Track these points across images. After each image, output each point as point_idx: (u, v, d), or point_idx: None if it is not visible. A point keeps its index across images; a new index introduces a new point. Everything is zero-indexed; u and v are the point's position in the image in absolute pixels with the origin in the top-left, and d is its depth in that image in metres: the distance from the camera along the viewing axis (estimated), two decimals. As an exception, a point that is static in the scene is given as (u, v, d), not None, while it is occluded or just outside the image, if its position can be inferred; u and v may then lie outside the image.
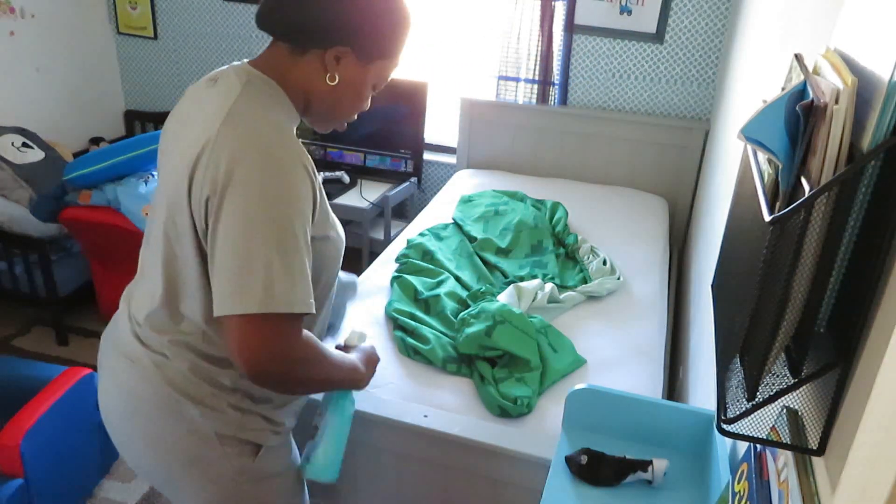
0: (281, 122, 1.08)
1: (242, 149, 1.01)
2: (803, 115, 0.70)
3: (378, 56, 1.14)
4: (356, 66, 1.13)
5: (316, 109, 1.17)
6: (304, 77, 1.12)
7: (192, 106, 1.13)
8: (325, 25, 1.07)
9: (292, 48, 1.10)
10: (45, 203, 2.75)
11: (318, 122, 1.22)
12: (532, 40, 3.31)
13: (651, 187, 3.40)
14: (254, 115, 1.05)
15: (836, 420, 0.70)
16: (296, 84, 1.12)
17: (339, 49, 1.09)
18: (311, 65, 1.11)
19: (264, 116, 1.06)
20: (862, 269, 0.66)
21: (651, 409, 1.35)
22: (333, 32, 1.08)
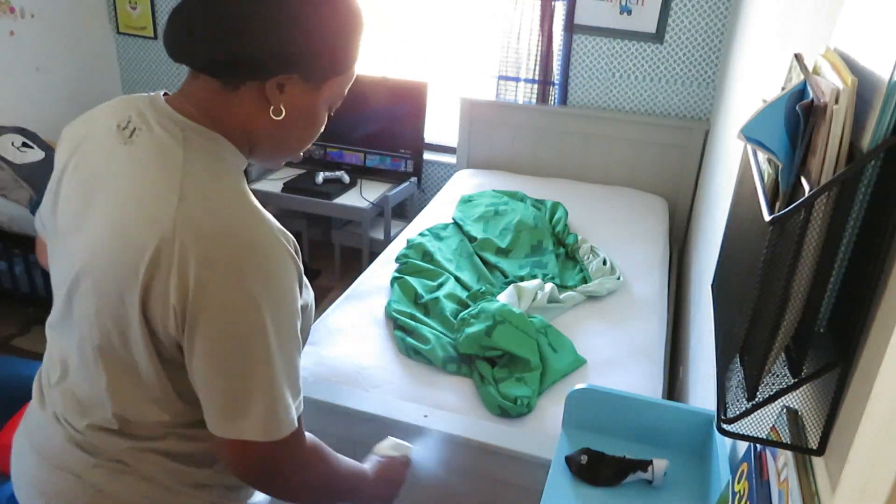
0: (243, 192, 0.87)
1: (214, 253, 0.81)
2: (803, 114, 0.70)
3: (332, 74, 0.93)
4: (305, 92, 0.91)
5: (262, 149, 0.94)
6: (242, 115, 0.89)
7: (105, 166, 0.88)
8: (259, 55, 0.85)
9: (222, 83, 0.87)
10: (45, 203, 2.74)
11: (268, 161, 1.00)
12: (532, 40, 3.31)
13: (651, 187, 3.40)
14: (214, 197, 0.84)
15: (836, 420, 0.70)
16: (235, 125, 0.90)
17: (282, 77, 0.87)
18: (248, 99, 0.88)
19: (226, 199, 0.85)
20: (862, 269, 0.66)
21: (651, 409, 1.35)
22: (271, 62, 0.86)
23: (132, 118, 0.90)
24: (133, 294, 0.83)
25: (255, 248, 0.83)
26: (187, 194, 0.82)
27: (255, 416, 0.85)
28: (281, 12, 0.84)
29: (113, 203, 0.86)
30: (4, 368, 2.20)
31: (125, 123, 0.90)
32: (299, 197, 3.45)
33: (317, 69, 0.90)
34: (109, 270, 0.84)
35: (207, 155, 0.87)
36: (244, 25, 0.84)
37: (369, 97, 3.60)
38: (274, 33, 0.84)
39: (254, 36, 0.84)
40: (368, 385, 1.84)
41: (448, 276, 2.37)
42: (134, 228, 0.83)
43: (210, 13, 0.84)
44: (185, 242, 0.80)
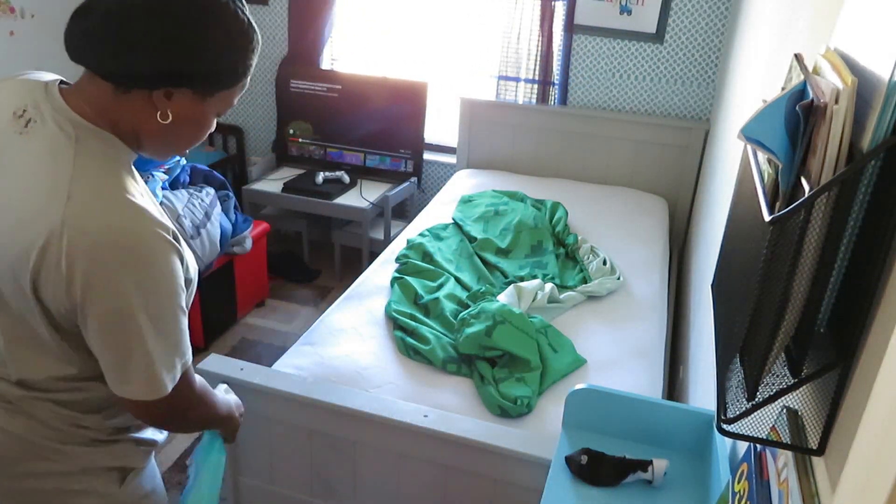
0: (129, 190, 0.94)
1: (98, 249, 0.90)
2: (803, 115, 0.70)
3: (219, 88, 0.99)
4: (192, 101, 0.97)
5: (149, 146, 1.02)
6: (131, 116, 0.96)
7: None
8: (148, 69, 0.92)
9: (114, 87, 0.94)
10: (44, 203, 2.75)
11: (154, 155, 1.06)
12: (532, 40, 3.31)
13: (651, 187, 3.40)
14: (98, 197, 0.92)
15: (836, 420, 0.70)
16: (124, 125, 0.97)
17: (168, 89, 0.94)
18: (137, 103, 0.95)
19: (111, 196, 0.92)
20: (862, 269, 0.66)
21: (651, 409, 1.35)
22: (158, 76, 0.93)
23: (28, 109, 0.98)
24: (25, 278, 0.93)
25: (133, 243, 0.92)
26: (74, 194, 0.91)
27: (139, 380, 0.98)
28: (170, 32, 0.91)
29: (5, 192, 0.95)
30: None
31: (21, 112, 0.97)
32: (299, 197, 3.45)
33: (203, 84, 0.97)
34: (4, 254, 0.95)
35: (97, 156, 0.95)
36: (135, 41, 0.91)
37: (369, 97, 3.61)
38: (162, 51, 0.91)
39: (144, 52, 0.91)
40: (369, 385, 1.84)
41: (448, 276, 2.37)
42: (26, 218, 0.92)
43: (106, 25, 0.92)
44: (71, 238, 0.89)
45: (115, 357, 0.98)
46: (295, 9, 3.63)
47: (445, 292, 2.25)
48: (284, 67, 3.75)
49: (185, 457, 2.39)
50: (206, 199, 2.82)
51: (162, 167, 2.82)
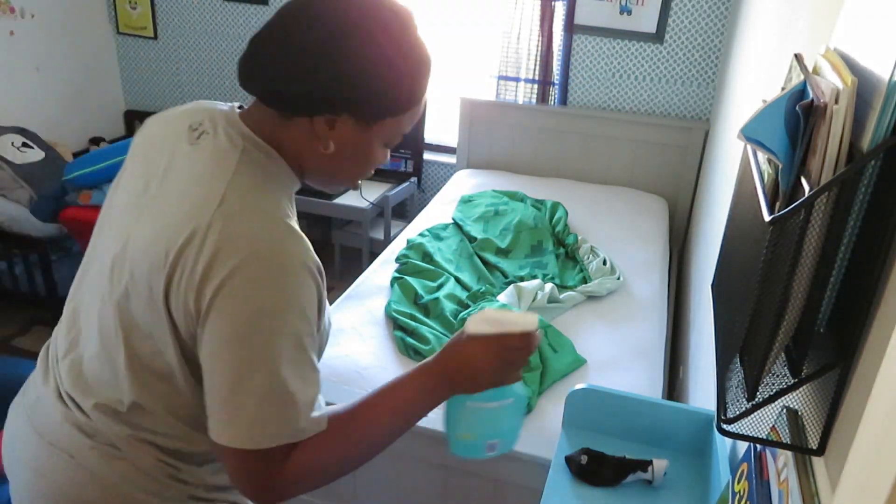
0: (280, 209, 0.89)
1: (238, 254, 0.83)
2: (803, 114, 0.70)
3: (386, 115, 0.92)
4: (356, 130, 0.91)
5: (312, 176, 0.98)
6: (294, 143, 0.93)
7: (168, 160, 0.93)
8: (306, 95, 0.87)
9: (277, 112, 0.91)
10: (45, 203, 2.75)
11: (320, 187, 1.03)
12: (532, 40, 3.31)
13: (651, 187, 3.40)
14: (253, 207, 0.87)
15: (836, 420, 0.70)
16: (288, 151, 0.93)
17: (330, 117, 0.89)
18: (299, 131, 0.91)
19: (265, 209, 0.87)
20: (862, 269, 0.66)
21: (651, 409, 1.35)
22: (318, 102, 0.88)
23: (204, 122, 0.94)
24: (159, 283, 0.86)
25: (275, 263, 0.84)
26: (228, 198, 0.86)
27: (243, 422, 0.85)
28: (330, 56, 0.85)
29: (164, 196, 0.90)
30: (4, 368, 2.20)
31: (196, 125, 0.94)
32: (299, 197, 3.44)
33: (368, 111, 0.90)
34: (145, 256, 0.88)
35: (258, 168, 0.90)
36: (294, 66, 0.86)
37: (369, 97, 3.60)
38: (322, 76, 0.86)
39: (302, 77, 0.86)
40: (368, 385, 1.84)
41: (448, 276, 2.37)
42: (173, 221, 0.87)
43: (268, 50, 0.88)
44: (215, 239, 0.83)
45: (223, 390, 0.85)
46: (295, 9, 3.63)
47: (445, 292, 2.25)
48: (284, 67, 3.75)
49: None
50: (206, 199, 2.82)
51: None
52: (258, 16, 3.78)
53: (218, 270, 0.82)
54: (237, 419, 0.85)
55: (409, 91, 0.91)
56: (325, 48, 0.85)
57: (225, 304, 0.83)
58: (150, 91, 4.16)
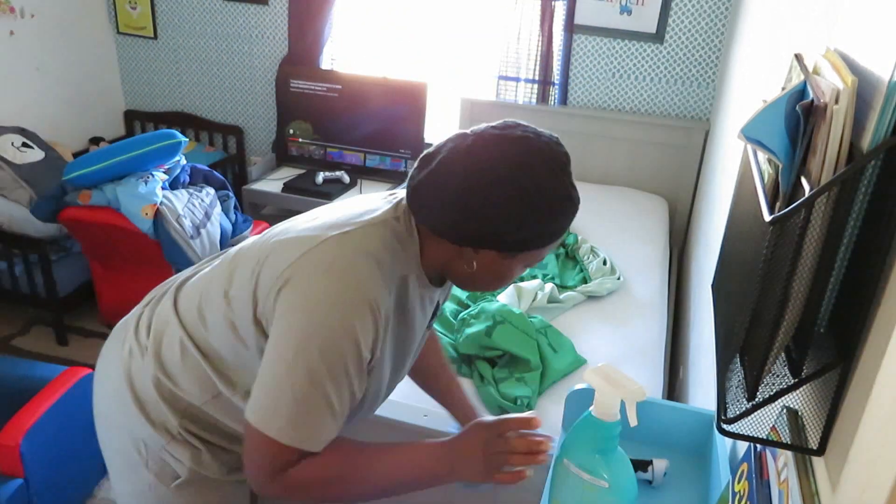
0: (381, 263, 0.98)
1: (310, 275, 0.96)
2: (803, 115, 0.70)
3: (525, 250, 1.00)
4: (499, 258, 1.00)
5: (451, 279, 1.09)
6: (440, 255, 1.03)
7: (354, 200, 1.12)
8: (455, 235, 0.98)
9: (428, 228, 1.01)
10: (45, 203, 2.75)
11: (462, 287, 1.12)
12: (532, 40, 3.31)
13: (651, 187, 3.40)
14: (357, 245, 0.98)
15: (836, 420, 0.70)
16: (430, 254, 1.04)
17: (476, 248, 0.99)
18: (445, 247, 1.01)
19: (367, 251, 0.98)
20: (862, 269, 0.66)
21: (651, 409, 1.35)
22: (465, 240, 0.98)
23: (398, 195, 1.09)
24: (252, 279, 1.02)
25: (340, 289, 0.95)
26: (348, 233, 1.00)
27: (280, 415, 0.95)
28: (480, 206, 0.95)
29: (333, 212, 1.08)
30: (4, 368, 2.20)
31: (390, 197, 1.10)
32: (299, 197, 3.45)
33: (509, 247, 0.99)
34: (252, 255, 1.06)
35: (389, 234, 1.02)
36: (447, 212, 0.96)
37: (369, 97, 3.60)
38: (471, 224, 0.96)
39: (454, 222, 0.97)
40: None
41: (448, 276, 2.37)
42: (312, 225, 1.04)
43: (428, 192, 0.98)
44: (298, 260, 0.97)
45: (271, 381, 0.96)
46: (295, 9, 3.63)
47: (445, 292, 2.25)
48: (284, 67, 3.75)
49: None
50: (206, 199, 2.82)
51: (162, 167, 2.83)
52: (258, 16, 3.78)
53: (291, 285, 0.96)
54: (273, 408, 0.95)
55: (550, 231, 0.99)
56: (474, 198, 0.94)
57: (285, 315, 0.96)
58: (150, 91, 4.16)
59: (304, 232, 1.02)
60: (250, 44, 3.86)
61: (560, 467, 1.00)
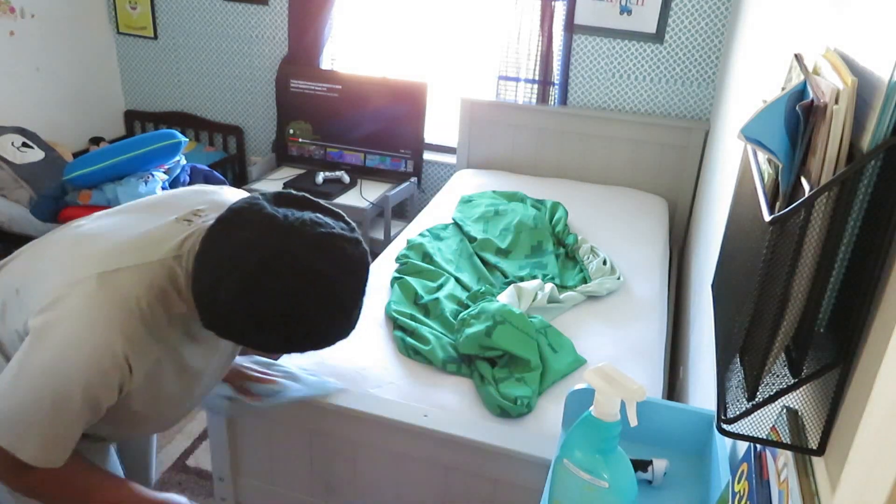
0: (141, 312, 1.06)
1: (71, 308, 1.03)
2: (803, 115, 0.70)
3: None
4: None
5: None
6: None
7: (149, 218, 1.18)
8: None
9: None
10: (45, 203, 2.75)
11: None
12: (532, 40, 3.31)
13: (651, 187, 3.40)
14: (116, 293, 1.05)
15: (836, 420, 0.70)
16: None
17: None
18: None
19: (126, 300, 1.05)
20: (862, 269, 0.66)
21: (651, 409, 1.35)
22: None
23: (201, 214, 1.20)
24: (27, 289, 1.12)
25: (85, 338, 1.02)
26: (106, 273, 1.06)
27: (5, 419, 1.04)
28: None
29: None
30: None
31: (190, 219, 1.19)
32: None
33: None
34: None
35: (162, 277, 1.08)
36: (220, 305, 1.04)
37: (369, 97, 3.61)
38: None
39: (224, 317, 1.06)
40: (369, 385, 1.84)
41: (448, 276, 2.37)
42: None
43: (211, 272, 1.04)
44: (60, 293, 1.04)
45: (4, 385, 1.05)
46: (295, 9, 3.63)
47: (445, 293, 2.25)
48: (284, 67, 3.75)
49: (184, 457, 2.39)
50: (206, 199, 2.81)
51: (162, 167, 2.83)
52: (258, 16, 3.78)
53: (51, 307, 1.03)
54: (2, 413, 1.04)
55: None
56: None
57: (41, 331, 1.03)
58: (150, 91, 4.16)
59: (77, 257, 1.09)
60: (250, 44, 3.87)
61: (560, 467, 1.00)
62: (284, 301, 0.99)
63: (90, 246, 1.11)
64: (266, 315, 1.00)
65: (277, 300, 0.99)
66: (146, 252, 1.09)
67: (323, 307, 1.02)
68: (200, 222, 1.14)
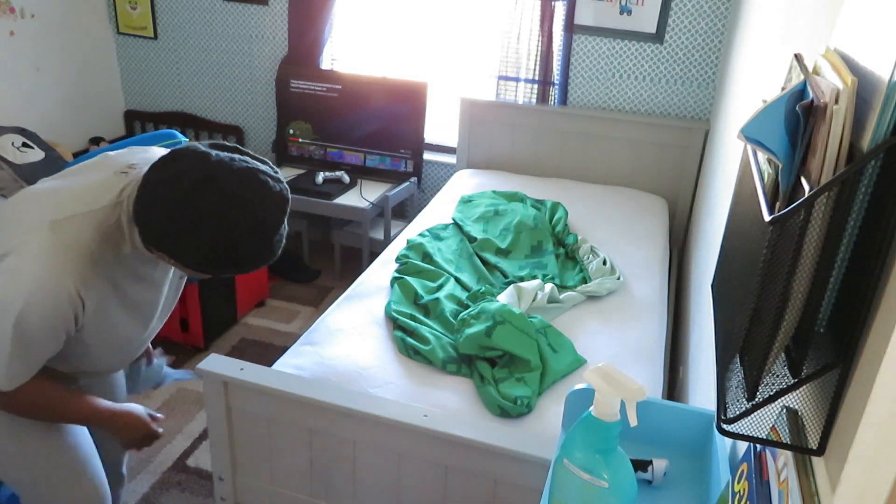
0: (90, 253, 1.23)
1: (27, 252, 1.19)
2: (803, 114, 0.70)
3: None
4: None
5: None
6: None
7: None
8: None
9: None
10: (45, 203, 2.75)
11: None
12: (532, 40, 3.31)
13: (651, 187, 3.40)
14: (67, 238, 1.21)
15: (836, 420, 0.70)
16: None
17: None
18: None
19: (76, 245, 1.21)
20: (862, 269, 0.66)
21: (651, 409, 1.35)
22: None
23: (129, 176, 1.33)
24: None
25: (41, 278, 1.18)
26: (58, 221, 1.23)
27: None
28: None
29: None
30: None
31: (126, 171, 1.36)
32: (299, 197, 3.45)
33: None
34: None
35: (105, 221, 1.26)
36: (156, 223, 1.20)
37: (369, 97, 3.61)
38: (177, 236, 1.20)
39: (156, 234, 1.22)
40: (369, 385, 1.84)
41: (448, 276, 2.37)
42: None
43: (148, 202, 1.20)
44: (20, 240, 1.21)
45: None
46: (295, 9, 3.63)
47: (445, 293, 2.25)
48: (284, 67, 3.75)
49: (184, 457, 2.39)
50: (206, 199, 2.81)
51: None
52: (258, 16, 3.78)
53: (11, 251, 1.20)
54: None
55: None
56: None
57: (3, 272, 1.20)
58: (150, 91, 4.15)
59: (30, 210, 1.25)
60: (250, 44, 3.87)
61: (560, 467, 1.00)
62: (211, 220, 1.14)
63: (40, 201, 1.28)
64: (193, 232, 1.15)
65: (204, 219, 1.14)
66: (91, 201, 1.25)
67: (244, 229, 1.16)
68: (135, 173, 1.30)
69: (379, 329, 2.09)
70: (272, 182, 1.21)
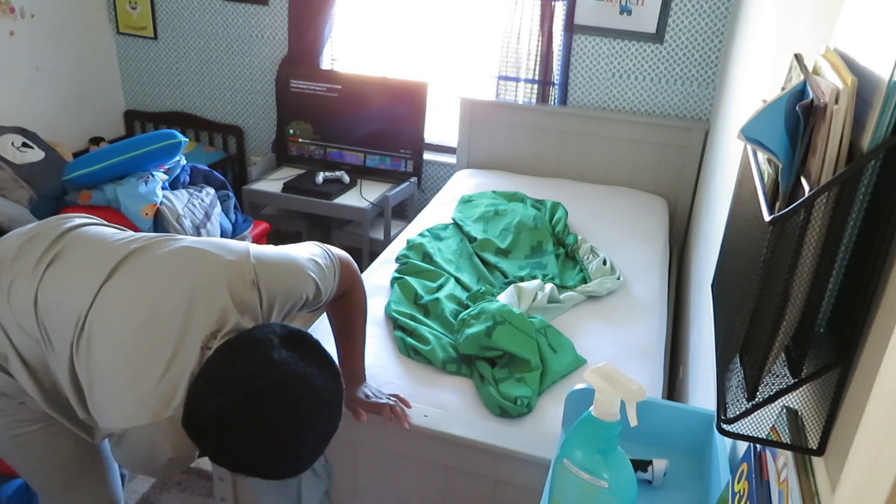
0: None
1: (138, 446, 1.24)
2: (803, 114, 0.70)
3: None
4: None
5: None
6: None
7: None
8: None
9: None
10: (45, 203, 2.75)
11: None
12: (532, 40, 3.31)
13: (651, 187, 3.40)
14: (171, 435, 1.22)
15: (836, 420, 0.70)
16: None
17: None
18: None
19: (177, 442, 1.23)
20: (862, 269, 0.66)
21: (651, 409, 1.35)
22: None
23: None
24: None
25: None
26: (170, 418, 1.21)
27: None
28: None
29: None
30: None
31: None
32: (299, 197, 3.45)
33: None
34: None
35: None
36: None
37: (369, 97, 3.61)
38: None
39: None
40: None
41: (448, 276, 2.37)
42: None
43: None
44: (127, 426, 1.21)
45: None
46: (295, 9, 3.63)
47: (445, 293, 2.25)
48: (284, 67, 3.75)
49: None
50: (206, 199, 2.82)
51: (162, 167, 2.82)
52: (258, 16, 3.78)
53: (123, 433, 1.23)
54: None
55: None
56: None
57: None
58: (150, 91, 4.16)
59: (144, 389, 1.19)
60: (250, 44, 3.87)
61: (560, 467, 1.00)
62: (245, 440, 1.13)
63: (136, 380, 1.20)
64: (226, 441, 1.14)
65: (241, 437, 1.12)
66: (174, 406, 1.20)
67: (283, 458, 1.16)
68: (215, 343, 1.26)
69: (379, 329, 2.09)
70: (326, 417, 1.21)
